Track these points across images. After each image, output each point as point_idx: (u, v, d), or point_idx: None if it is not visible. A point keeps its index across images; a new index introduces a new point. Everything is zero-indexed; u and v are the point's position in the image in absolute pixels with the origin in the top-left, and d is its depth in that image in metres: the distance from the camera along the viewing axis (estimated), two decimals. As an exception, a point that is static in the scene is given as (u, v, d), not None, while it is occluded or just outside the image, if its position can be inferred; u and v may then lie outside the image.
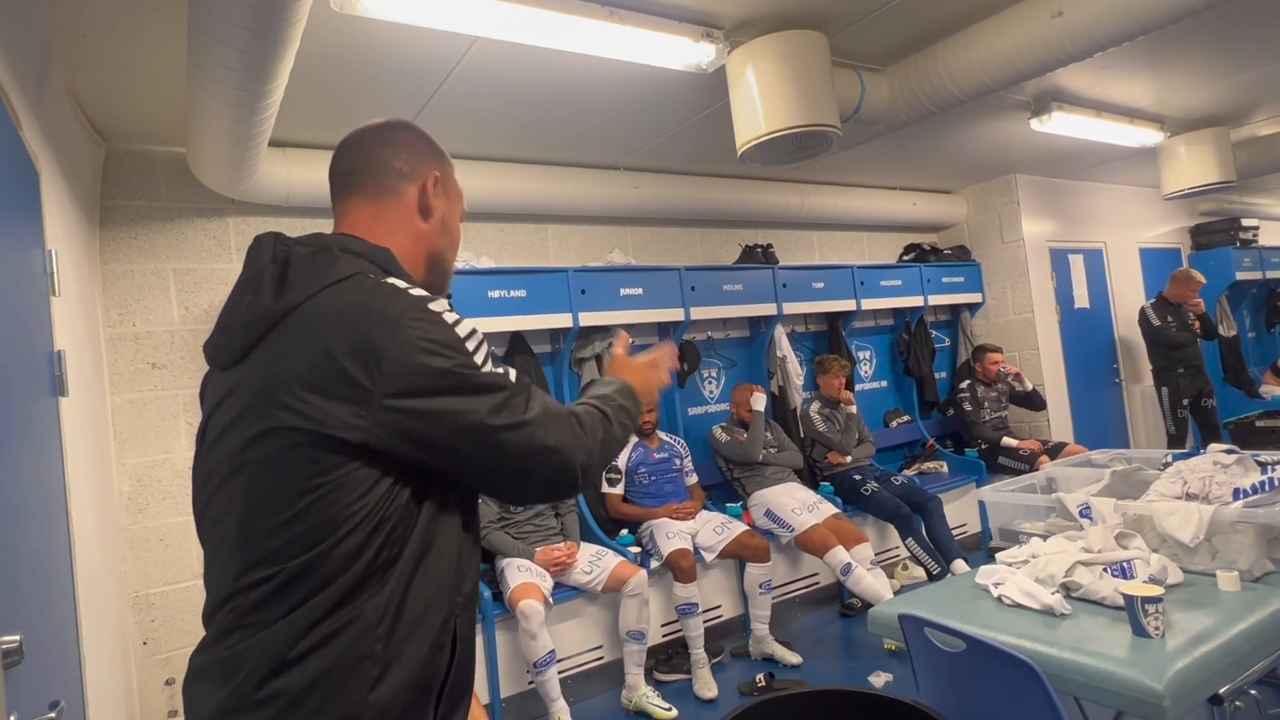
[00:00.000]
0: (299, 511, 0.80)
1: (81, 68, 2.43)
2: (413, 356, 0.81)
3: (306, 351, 0.82)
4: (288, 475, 0.81)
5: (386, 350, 0.80)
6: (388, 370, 0.80)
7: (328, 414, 0.80)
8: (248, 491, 0.83)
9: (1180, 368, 5.27)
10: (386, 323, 0.81)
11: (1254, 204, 7.56)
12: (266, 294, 0.86)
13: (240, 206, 3.29)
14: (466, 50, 2.62)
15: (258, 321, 0.86)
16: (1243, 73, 3.92)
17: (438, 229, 1.04)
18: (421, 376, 0.81)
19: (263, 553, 0.81)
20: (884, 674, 3.10)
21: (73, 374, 1.97)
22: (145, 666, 2.98)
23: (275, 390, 0.82)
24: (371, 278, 0.88)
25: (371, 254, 0.93)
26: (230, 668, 0.81)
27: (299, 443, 0.80)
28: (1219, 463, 2.14)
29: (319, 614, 0.80)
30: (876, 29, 2.93)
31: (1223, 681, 1.50)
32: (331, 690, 0.79)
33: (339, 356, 0.80)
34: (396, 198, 1.01)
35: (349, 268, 0.88)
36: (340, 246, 0.92)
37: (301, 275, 0.86)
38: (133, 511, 3.01)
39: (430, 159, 1.05)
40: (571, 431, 0.91)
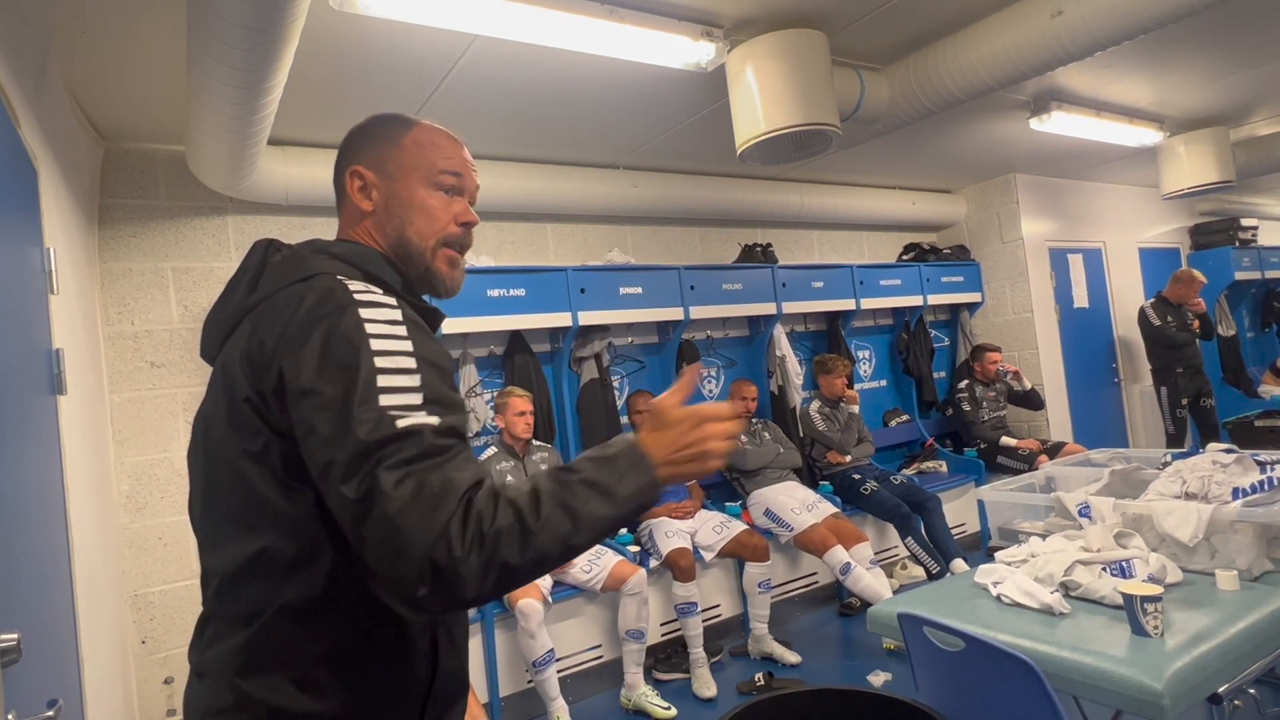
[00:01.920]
0: (241, 499, 0.82)
1: (80, 66, 2.42)
2: (313, 353, 0.77)
3: (248, 337, 0.84)
4: (226, 457, 0.83)
5: (296, 342, 0.78)
6: (289, 360, 0.78)
7: (249, 393, 0.81)
8: (206, 477, 0.88)
9: (1179, 367, 5.27)
10: (310, 317, 0.80)
11: (1253, 204, 7.57)
12: (240, 293, 0.90)
13: (239, 205, 3.29)
14: (466, 49, 2.61)
15: (229, 317, 0.90)
16: (1242, 72, 3.92)
17: (382, 215, 0.99)
18: (310, 374, 0.76)
19: (217, 537, 0.86)
20: (883, 673, 3.11)
21: (71, 372, 1.97)
22: (144, 665, 2.98)
23: (227, 375, 0.85)
24: (326, 277, 0.85)
25: (351, 254, 0.93)
26: (206, 663, 0.85)
27: (232, 418, 0.83)
28: (1218, 462, 2.14)
29: (279, 608, 0.81)
30: (876, 28, 2.93)
31: (1221, 680, 1.50)
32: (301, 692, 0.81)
33: (266, 341, 0.81)
34: (345, 200, 1.02)
35: (314, 268, 0.88)
36: (319, 249, 0.93)
37: (272, 276, 0.89)
38: (131, 510, 3.01)
39: (359, 150, 1.01)
40: (440, 515, 0.69)
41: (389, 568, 0.70)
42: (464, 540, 0.69)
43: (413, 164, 0.99)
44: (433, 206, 0.99)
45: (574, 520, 0.74)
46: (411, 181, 0.99)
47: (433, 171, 0.99)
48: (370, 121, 1.03)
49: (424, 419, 0.74)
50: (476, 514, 0.71)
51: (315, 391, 0.75)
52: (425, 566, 0.68)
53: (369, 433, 0.72)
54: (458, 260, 1.03)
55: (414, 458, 0.72)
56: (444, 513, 0.69)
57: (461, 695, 0.95)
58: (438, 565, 0.68)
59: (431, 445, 0.73)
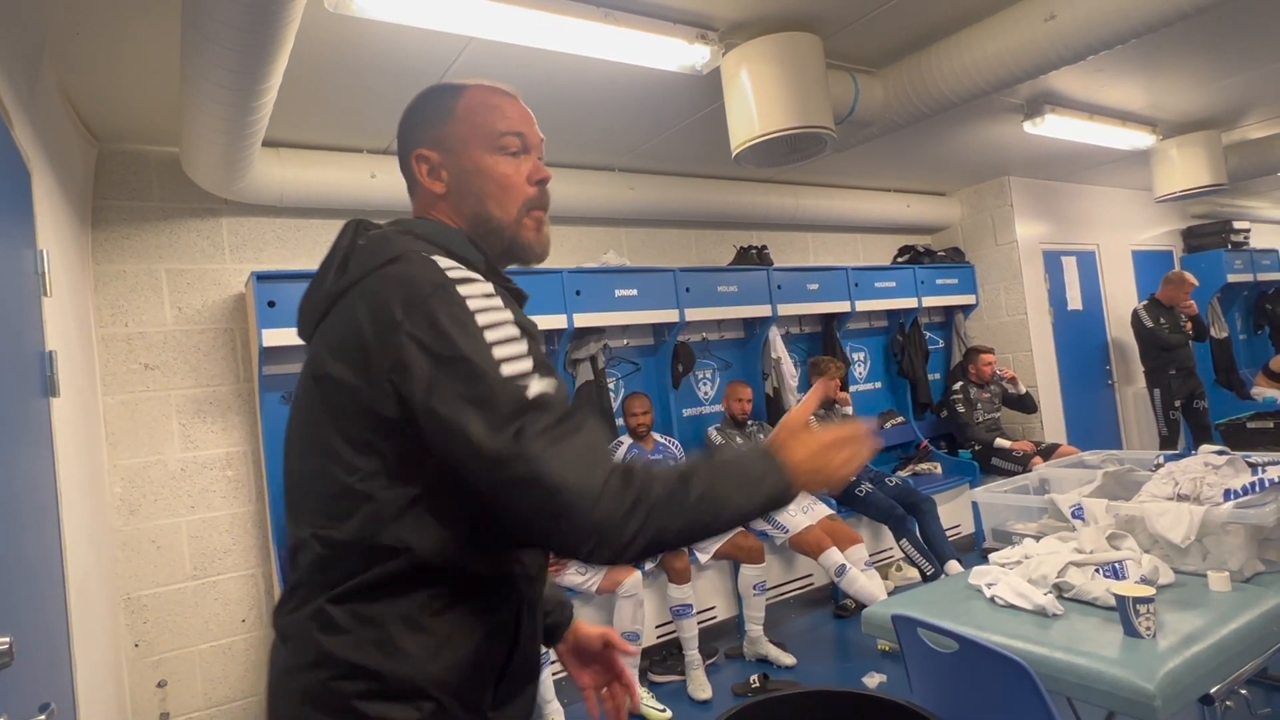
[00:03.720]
0: (333, 476, 0.82)
1: (74, 67, 2.42)
2: (424, 337, 0.77)
3: (344, 325, 0.83)
4: (325, 439, 0.83)
5: (401, 326, 0.77)
6: (396, 346, 0.77)
7: (350, 381, 0.81)
8: (300, 455, 0.89)
9: (1172, 369, 5.30)
10: (409, 299, 0.79)
11: (1245, 207, 7.61)
12: (329, 278, 0.89)
13: (233, 207, 3.28)
14: (461, 51, 2.61)
15: (320, 303, 0.89)
16: (1234, 76, 3.94)
17: (456, 195, 0.97)
18: (425, 360, 0.76)
19: (312, 515, 0.85)
20: (878, 675, 3.11)
21: (64, 375, 1.96)
22: (137, 669, 2.97)
23: (320, 361, 0.85)
24: (415, 256, 0.84)
25: (435, 234, 0.92)
26: (289, 628, 0.85)
27: (329, 405, 0.83)
28: (1210, 464, 2.15)
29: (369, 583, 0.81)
30: (870, 31, 2.94)
31: (1213, 681, 1.51)
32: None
33: (364, 328, 0.80)
34: (416, 187, 1.00)
35: (400, 248, 0.86)
36: (404, 229, 0.91)
37: (359, 260, 0.88)
38: (124, 513, 3.00)
39: (417, 132, 1.00)
40: (599, 474, 0.73)
41: (555, 528, 0.73)
42: (624, 501, 0.73)
43: (472, 133, 0.96)
44: (504, 173, 0.96)
45: (718, 506, 0.79)
46: (475, 152, 0.96)
47: (494, 136, 0.96)
48: (420, 100, 1.01)
49: (544, 385, 0.77)
50: (635, 478, 0.75)
51: (436, 375, 0.75)
52: (591, 524, 0.72)
53: (504, 405, 0.74)
54: (543, 221, 0.99)
55: (552, 423, 0.74)
56: (600, 472, 0.74)
57: (532, 681, 0.95)
58: (602, 523, 0.72)
59: (563, 410, 0.77)
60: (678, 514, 0.76)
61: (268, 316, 2.96)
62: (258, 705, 3.18)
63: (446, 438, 0.76)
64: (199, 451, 3.16)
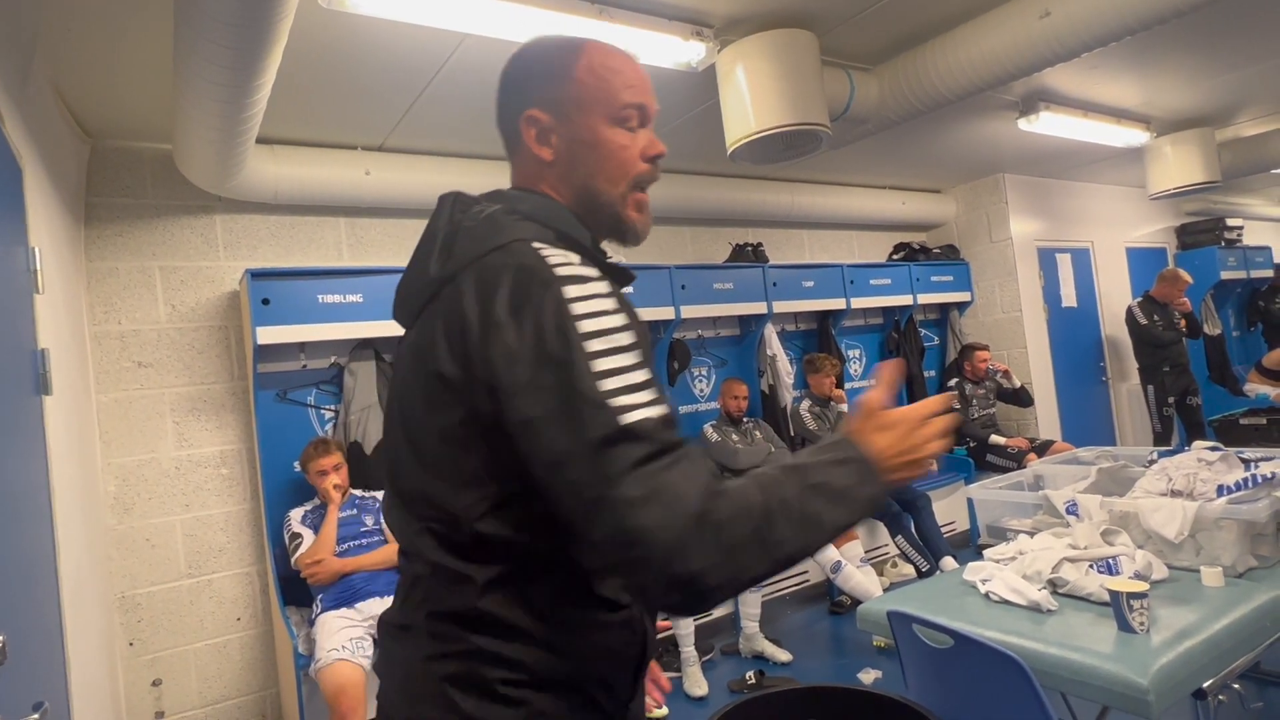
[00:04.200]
0: (445, 471, 0.80)
1: (66, 63, 2.40)
2: (523, 342, 0.72)
3: (451, 318, 0.78)
4: (428, 433, 0.81)
5: (504, 328, 0.73)
6: (496, 349, 0.73)
7: (456, 378, 0.77)
8: (409, 447, 0.84)
9: (1166, 366, 5.32)
10: (513, 300, 0.74)
11: (1238, 204, 7.64)
12: (433, 262, 0.84)
13: (227, 204, 3.27)
14: (456, 48, 2.61)
15: (423, 290, 0.84)
16: (1228, 74, 3.95)
17: (564, 165, 0.89)
18: (522, 366, 0.71)
19: (427, 509, 0.82)
20: (873, 671, 3.12)
21: (57, 373, 1.95)
22: (131, 668, 2.96)
23: (429, 353, 0.80)
24: (525, 247, 0.78)
25: (543, 212, 0.86)
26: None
27: (437, 400, 0.79)
28: (1203, 460, 2.16)
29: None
30: (866, 28, 2.94)
31: (1206, 676, 1.51)
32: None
33: (471, 325, 0.76)
34: (519, 148, 0.92)
35: (510, 233, 0.80)
36: (510, 208, 0.85)
37: (465, 242, 0.82)
38: (118, 511, 2.99)
39: (530, 89, 0.90)
40: (685, 525, 0.66)
41: (629, 575, 0.69)
42: (703, 552, 0.66)
43: (592, 99, 0.88)
44: (620, 146, 0.89)
45: (809, 534, 0.72)
46: (593, 120, 0.88)
47: (615, 105, 0.89)
48: (533, 52, 0.92)
49: (646, 411, 0.69)
50: (715, 524, 0.67)
51: (530, 387, 0.71)
52: (665, 578, 0.66)
53: (594, 430, 0.68)
54: (645, 203, 0.93)
55: (644, 458, 0.68)
56: (686, 520, 0.66)
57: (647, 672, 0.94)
58: (679, 577, 0.66)
59: (660, 443, 0.69)
60: (764, 557, 0.69)
61: (262, 314, 2.95)
62: (253, 703, 3.18)
63: (530, 450, 0.72)
64: (193, 450, 3.15)
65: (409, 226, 3.75)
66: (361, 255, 3.61)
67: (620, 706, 0.85)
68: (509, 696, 0.78)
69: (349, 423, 3.29)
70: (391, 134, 3.32)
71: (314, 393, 3.35)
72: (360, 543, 2.93)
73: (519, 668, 0.78)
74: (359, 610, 2.75)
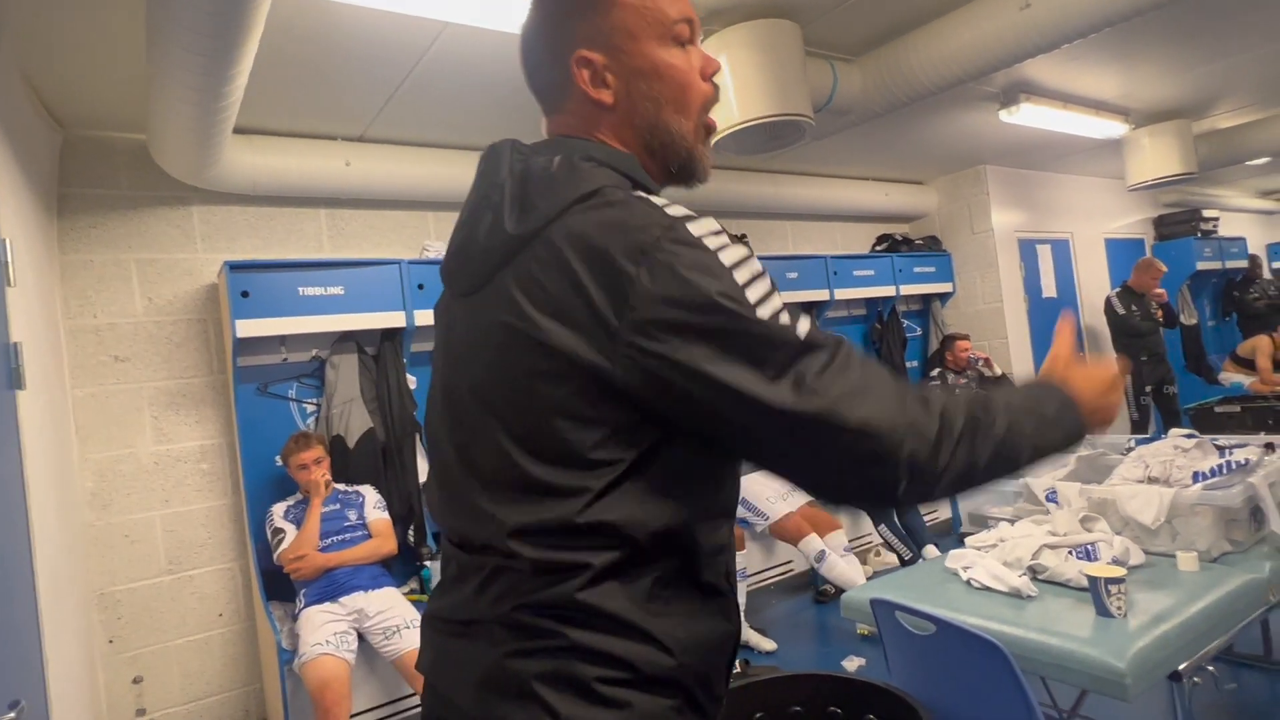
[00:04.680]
0: (554, 446, 0.72)
1: (35, 50, 2.34)
2: (666, 288, 0.66)
3: (553, 279, 0.70)
4: (541, 405, 0.72)
5: (636, 279, 0.66)
6: (634, 303, 0.66)
7: (572, 346, 0.69)
8: (481, 430, 0.76)
9: (1143, 355, 5.40)
10: (637, 246, 0.67)
11: (1214, 195, 7.75)
12: (508, 216, 0.75)
13: (204, 195, 3.22)
14: (437, 35, 2.58)
15: (499, 247, 0.75)
16: (1204, 66, 4.00)
17: (626, 106, 0.80)
18: (675, 312, 0.66)
19: (504, 495, 0.75)
20: (857, 658, 3.15)
21: (30, 367, 1.91)
22: (111, 665, 2.92)
23: (519, 319, 0.72)
24: (620, 193, 0.72)
25: (615, 160, 0.79)
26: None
27: (542, 373, 0.71)
28: (1179, 447, 2.20)
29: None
30: (848, 19, 2.94)
31: (1182, 659, 1.54)
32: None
33: (586, 284, 0.68)
34: (568, 96, 0.83)
35: (593, 180, 0.74)
36: (583, 154, 0.78)
37: (544, 192, 0.74)
38: (96, 508, 2.94)
39: (572, 28, 0.81)
40: (898, 405, 0.66)
41: (869, 474, 0.67)
42: (931, 432, 0.67)
43: (641, 23, 0.79)
44: (681, 69, 0.80)
45: (1019, 441, 0.73)
46: (647, 47, 0.80)
47: (666, 24, 0.80)
48: None
49: (804, 324, 0.69)
50: (935, 406, 0.69)
51: (694, 333, 0.65)
52: (903, 461, 0.66)
53: (779, 352, 0.66)
54: (713, 128, 0.86)
55: (829, 361, 0.67)
56: (898, 402, 0.67)
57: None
58: (914, 458, 0.66)
59: (832, 346, 0.69)
60: (984, 445, 0.70)
61: (241, 307, 2.91)
62: (237, 699, 3.15)
63: (717, 401, 0.66)
64: (172, 444, 3.11)
65: (390, 218, 3.71)
66: (342, 247, 3.57)
67: (715, 703, 0.79)
68: (609, 697, 0.70)
69: (331, 416, 3.26)
70: (372, 124, 3.28)
71: (295, 386, 3.32)
72: (343, 537, 2.91)
73: (620, 664, 0.71)
74: (342, 604, 2.74)
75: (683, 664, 0.73)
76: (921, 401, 0.69)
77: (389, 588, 2.88)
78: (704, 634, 0.76)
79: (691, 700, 0.75)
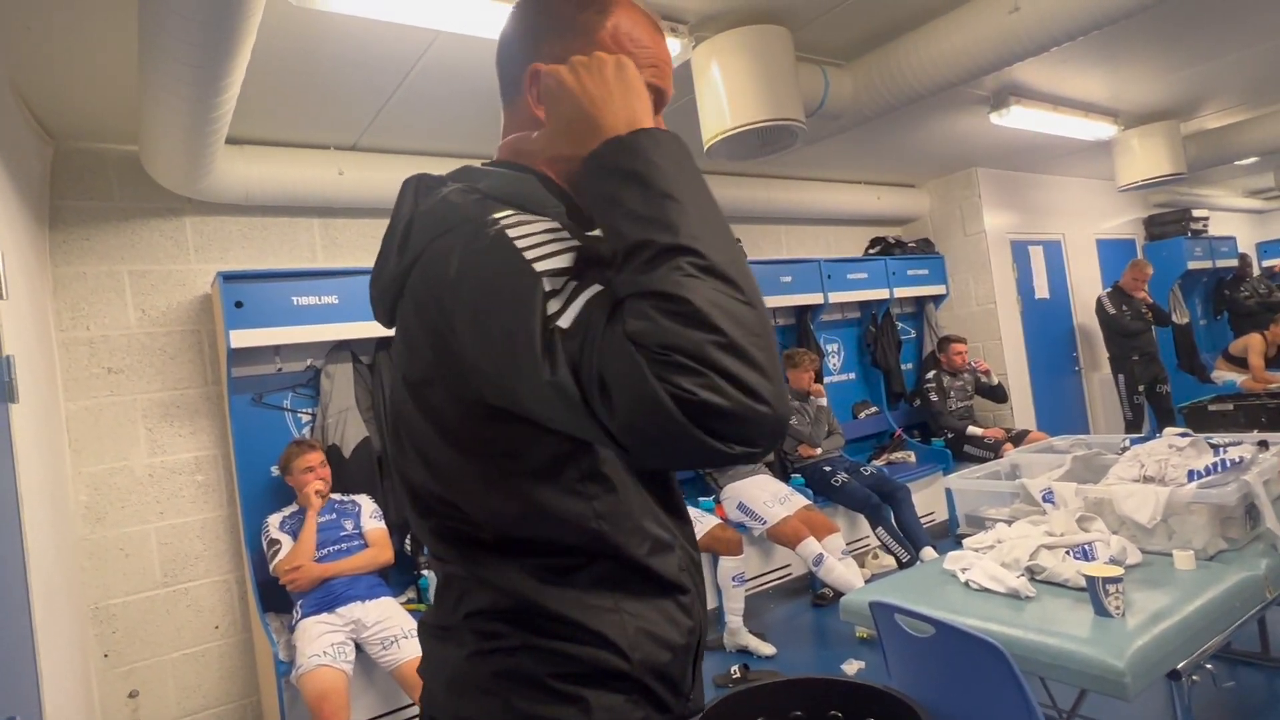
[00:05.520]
0: (459, 470, 0.74)
1: (26, 62, 2.34)
2: (477, 304, 0.66)
3: (414, 305, 0.74)
4: (436, 434, 0.75)
5: (456, 288, 0.68)
6: (456, 312, 0.68)
7: (435, 371, 0.72)
8: (416, 451, 0.78)
9: (1136, 355, 5.43)
10: (461, 261, 0.68)
11: (1203, 195, 7.81)
12: (393, 256, 0.79)
13: (197, 206, 3.21)
14: (429, 45, 2.58)
15: (388, 287, 0.80)
16: (1191, 68, 4.03)
17: (548, 138, 0.76)
18: (489, 325, 0.65)
19: (443, 513, 0.78)
20: (856, 661, 3.15)
21: (23, 380, 1.90)
22: (107, 680, 2.90)
23: (405, 350, 0.77)
24: (472, 226, 0.70)
25: (505, 188, 0.77)
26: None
27: (429, 399, 0.74)
28: (1174, 446, 2.20)
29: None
30: (839, 23, 2.96)
31: (1180, 657, 1.55)
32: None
33: (427, 305, 0.71)
34: (515, 100, 0.84)
35: (462, 213, 0.73)
36: (468, 186, 0.78)
37: (419, 231, 0.76)
38: (90, 521, 2.92)
39: (542, 38, 0.81)
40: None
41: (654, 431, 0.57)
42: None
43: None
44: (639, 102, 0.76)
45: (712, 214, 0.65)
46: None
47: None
48: (554, 3, 0.82)
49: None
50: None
51: (482, 327, 0.66)
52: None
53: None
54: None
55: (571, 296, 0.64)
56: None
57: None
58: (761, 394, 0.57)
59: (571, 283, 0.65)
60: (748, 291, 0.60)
61: (235, 317, 2.90)
62: (234, 712, 3.13)
63: (513, 402, 0.67)
64: (167, 456, 3.09)
65: (384, 226, 3.68)
66: (336, 256, 3.57)
67: (681, 699, 0.80)
68: (564, 692, 0.73)
69: (326, 425, 3.25)
70: (365, 133, 3.29)
71: (290, 396, 3.31)
72: (340, 547, 2.90)
73: (571, 661, 0.73)
74: (340, 615, 2.72)
75: (635, 661, 0.74)
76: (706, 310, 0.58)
77: (386, 597, 2.86)
78: (657, 630, 0.76)
79: (650, 695, 0.76)
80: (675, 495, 0.85)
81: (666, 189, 0.63)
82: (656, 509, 0.81)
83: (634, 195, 0.63)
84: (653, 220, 0.61)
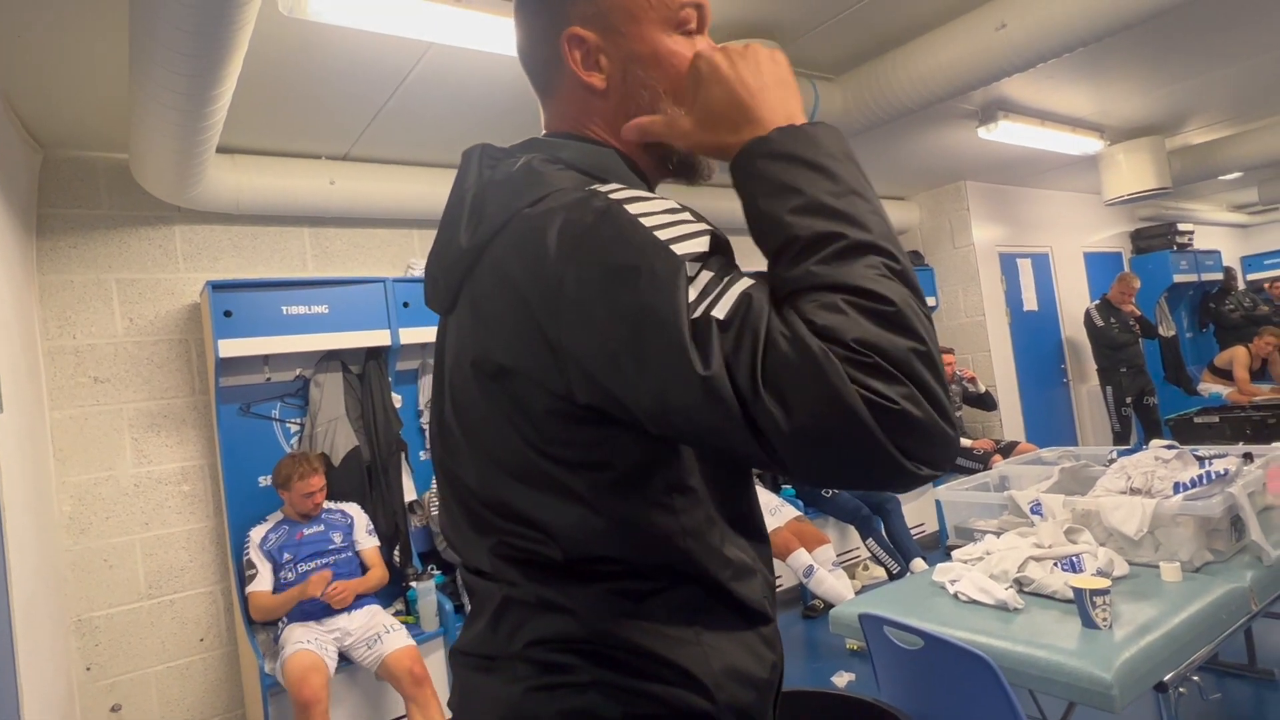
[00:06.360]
0: (539, 478, 0.65)
1: (15, 70, 2.33)
2: (591, 282, 0.58)
3: (495, 295, 0.65)
4: (514, 437, 0.66)
5: (565, 276, 0.59)
6: (565, 301, 0.59)
7: (525, 366, 0.63)
8: (480, 464, 0.70)
9: (1123, 367, 5.47)
10: (563, 239, 0.60)
11: (1189, 210, 7.90)
12: (463, 230, 0.69)
13: (187, 214, 3.20)
14: (421, 56, 2.59)
15: (456, 264, 0.70)
16: (1176, 84, 4.09)
17: (619, 93, 0.72)
18: (601, 307, 0.57)
19: (507, 530, 0.69)
20: (846, 674, 3.14)
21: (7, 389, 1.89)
22: (89, 693, 2.86)
23: (477, 343, 0.67)
24: (570, 194, 0.63)
25: (586, 159, 0.71)
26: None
27: (505, 396, 0.65)
28: (1160, 458, 2.22)
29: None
30: (829, 38, 2.99)
31: (1167, 669, 1.55)
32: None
33: (520, 285, 0.62)
34: (559, 80, 0.75)
35: (550, 183, 0.66)
36: (550, 155, 0.71)
37: (497, 202, 0.67)
38: (74, 532, 2.89)
39: (566, 3, 0.73)
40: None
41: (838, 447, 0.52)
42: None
43: (643, 4, 0.72)
44: (683, 58, 0.72)
45: (875, 208, 0.62)
46: (648, 30, 0.72)
47: (671, 7, 0.73)
48: None
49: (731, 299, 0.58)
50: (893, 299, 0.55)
51: (616, 310, 0.57)
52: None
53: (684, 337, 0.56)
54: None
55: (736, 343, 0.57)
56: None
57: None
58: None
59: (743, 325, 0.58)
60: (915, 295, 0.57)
61: (224, 326, 2.89)
62: (218, 726, 3.09)
63: (635, 401, 0.58)
64: (153, 466, 3.07)
65: (375, 236, 3.71)
66: (327, 266, 3.56)
67: None
68: None
69: (315, 434, 3.24)
70: (356, 143, 3.29)
71: (279, 406, 3.29)
72: (326, 560, 2.87)
73: (649, 701, 0.64)
74: (324, 625, 2.73)
75: (721, 702, 0.65)
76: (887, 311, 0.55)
77: (371, 606, 2.86)
78: (741, 665, 0.67)
79: None
80: (757, 512, 0.76)
81: (854, 185, 0.60)
82: (733, 529, 0.71)
83: (822, 186, 0.59)
84: (842, 214, 0.58)
